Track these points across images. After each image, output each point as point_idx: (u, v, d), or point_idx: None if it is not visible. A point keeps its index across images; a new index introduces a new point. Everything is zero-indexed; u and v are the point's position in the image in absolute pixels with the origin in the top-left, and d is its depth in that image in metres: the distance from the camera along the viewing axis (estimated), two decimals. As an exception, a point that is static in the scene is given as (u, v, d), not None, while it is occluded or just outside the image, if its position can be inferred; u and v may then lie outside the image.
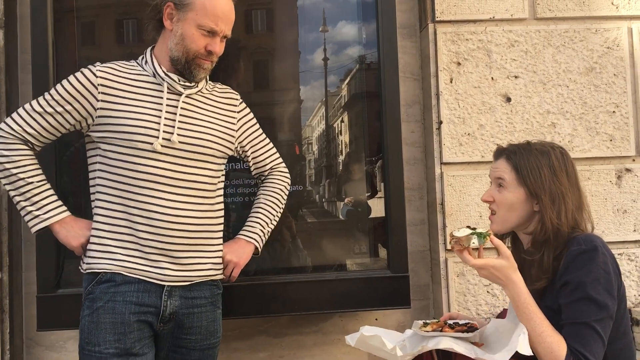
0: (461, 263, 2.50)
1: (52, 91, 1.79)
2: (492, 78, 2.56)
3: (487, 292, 2.51)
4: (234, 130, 1.94)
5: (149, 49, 1.88)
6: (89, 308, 1.74)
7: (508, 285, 1.58)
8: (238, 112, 1.97)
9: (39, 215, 1.77)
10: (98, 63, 1.82)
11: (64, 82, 1.80)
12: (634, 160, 2.61)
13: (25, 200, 1.77)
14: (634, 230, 2.58)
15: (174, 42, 1.80)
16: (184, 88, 1.83)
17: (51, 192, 1.81)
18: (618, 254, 2.57)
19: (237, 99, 1.99)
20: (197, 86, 1.87)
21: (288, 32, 2.65)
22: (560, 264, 1.59)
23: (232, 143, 1.93)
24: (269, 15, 2.68)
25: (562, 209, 1.64)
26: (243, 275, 2.46)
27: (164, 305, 1.77)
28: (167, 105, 1.79)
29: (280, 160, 2.09)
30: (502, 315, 1.92)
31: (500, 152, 1.78)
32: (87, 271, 1.77)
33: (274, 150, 2.08)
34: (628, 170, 2.59)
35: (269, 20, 2.68)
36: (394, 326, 2.62)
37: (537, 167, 1.67)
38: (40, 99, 1.79)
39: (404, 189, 2.48)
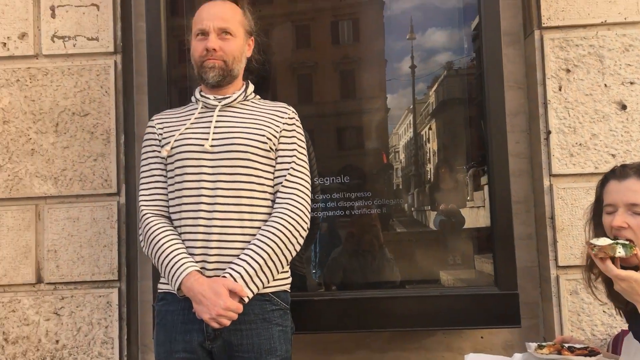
0: (574, 280, 2.36)
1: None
2: (605, 85, 2.43)
3: (604, 312, 2.36)
4: (274, 137, 1.88)
5: None
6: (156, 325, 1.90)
7: None
8: (283, 123, 1.91)
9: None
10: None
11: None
12: None
13: None
14: None
15: (192, 62, 1.97)
16: (218, 101, 1.92)
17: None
18: None
19: (286, 112, 1.94)
20: (230, 97, 1.93)
21: (375, 42, 2.62)
22: None
23: (270, 150, 1.87)
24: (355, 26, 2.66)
25: None
26: (342, 289, 2.48)
27: (205, 323, 1.73)
28: (200, 119, 1.91)
29: (293, 189, 1.86)
30: (618, 336, 1.81)
31: (625, 171, 1.63)
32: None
33: (293, 177, 1.88)
34: None
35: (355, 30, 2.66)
36: (501, 345, 2.51)
37: None
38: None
39: (511, 202, 2.37)
